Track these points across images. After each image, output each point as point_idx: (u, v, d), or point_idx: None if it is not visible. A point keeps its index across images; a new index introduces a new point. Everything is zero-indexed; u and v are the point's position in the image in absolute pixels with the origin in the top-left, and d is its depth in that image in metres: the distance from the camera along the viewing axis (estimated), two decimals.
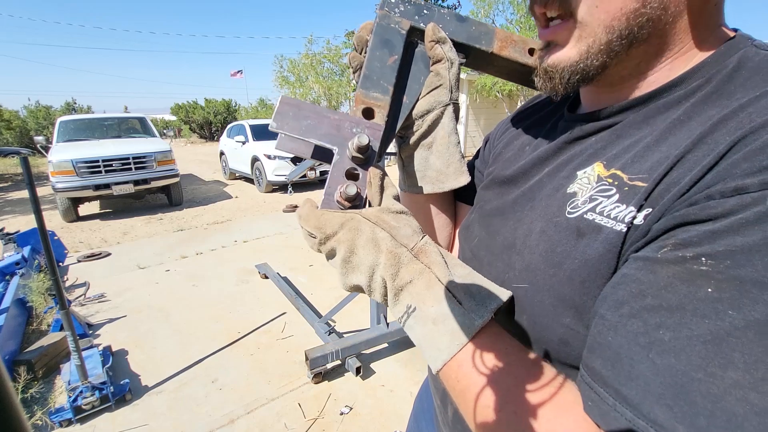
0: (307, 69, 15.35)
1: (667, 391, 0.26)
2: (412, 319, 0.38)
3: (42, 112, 18.41)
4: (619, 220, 0.34)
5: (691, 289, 0.27)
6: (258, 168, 7.86)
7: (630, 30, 0.36)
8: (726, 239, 0.27)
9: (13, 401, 0.20)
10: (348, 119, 0.45)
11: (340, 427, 1.98)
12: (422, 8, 0.52)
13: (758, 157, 0.27)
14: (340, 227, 0.40)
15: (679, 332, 0.27)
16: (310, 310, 2.91)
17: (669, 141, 0.34)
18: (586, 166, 0.40)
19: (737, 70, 0.34)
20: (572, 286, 0.36)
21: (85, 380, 2.03)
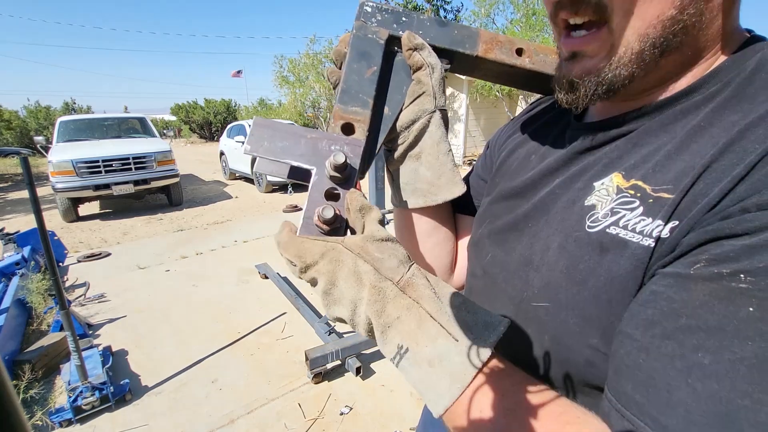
0: (308, 68, 15.34)
1: (711, 421, 0.25)
2: (405, 361, 0.35)
3: (42, 112, 18.39)
4: (646, 235, 0.32)
5: (731, 308, 0.26)
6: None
7: (665, 38, 0.33)
8: (766, 255, 0.25)
9: (13, 401, 0.20)
10: (326, 137, 0.43)
11: (340, 427, 1.98)
12: (400, 16, 0.50)
13: None
14: (321, 257, 0.37)
15: (721, 355, 0.25)
16: (310, 310, 2.91)
17: (691, 149, 0.32)
18: (603, 177, 0.38)
19: (757, 72, 0.33)
20: (598, 305, 0.34)
21: (85, 380, 2.03)
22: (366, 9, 0.49)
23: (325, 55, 15.10)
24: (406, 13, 0.51)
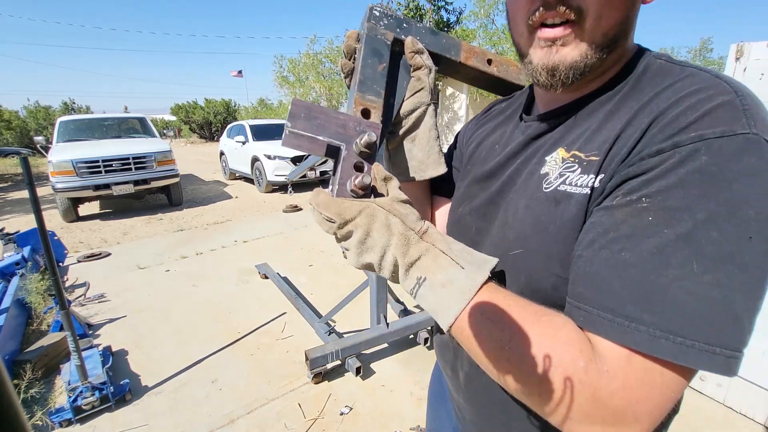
0: (308, 68, 15.33)
1: (632, 294, 0.36)
2: (423, 289, 0.44)
3: (42, 113, 18.39)
4: (584, 186, 0.44)
5: (638, 220, 0.38)
6: (258, 168, 7.86)
7: (616, 35, 0.46)
8: (656, 184, 0.38)
9: (13, 401, 0.20)
10: (351, 119, 0.49)
11: (340, 427, 1.98)
12: (402, 22, 0.60)
13: (667, 130, 0.39)
14: (359, 213, 0.46)
15: (635, 251, 0.37)
16: (310, 310, 2.92)
17: (608, 126, 0.45)
18: (552, 152, 0.50)
19: (644, 73, 0.47)
20: (557, 242, 0.46)
21: (85, 380, 2.03)
22: (375, 13, 0.58)
23: (325, 55, 15.08)
24: (407, 20, 0.60)
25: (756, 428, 1.89)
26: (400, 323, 2.51)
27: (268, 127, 8.93)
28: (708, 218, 0.35)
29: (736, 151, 0.35)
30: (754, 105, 0.38)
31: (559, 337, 0.39)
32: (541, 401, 0.39)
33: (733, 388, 1.98)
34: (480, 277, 0.43)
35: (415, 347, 2.63)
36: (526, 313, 0.41)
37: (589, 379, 0.36)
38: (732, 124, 0.36)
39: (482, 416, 0.62)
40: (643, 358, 0.36)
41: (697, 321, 0.34)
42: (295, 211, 6.34)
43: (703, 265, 0.34)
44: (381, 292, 2.43)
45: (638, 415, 0.36)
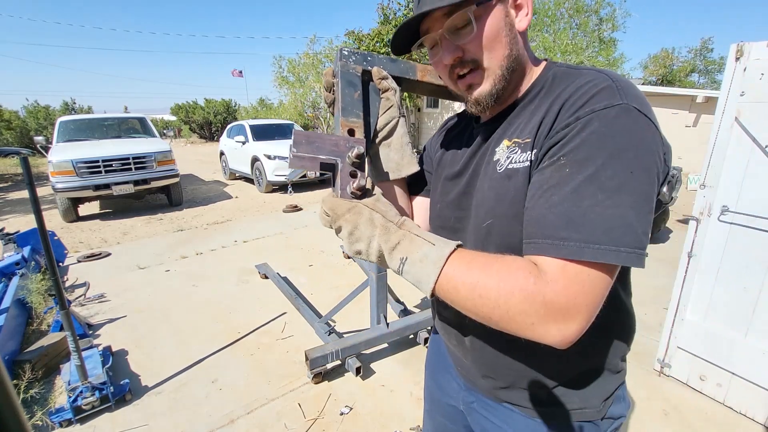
0: (308, 68, 15.32)
1: (562, 222, 0.50)
2: (406, 266, 0.56)
3: (42, 112, 18.37)
4: (524, 161, 0.60)
5: (560, 173, 0.52)
6: (258, 168, 7.86)
7: (510, 65, 0.62)
8: (568, 146, 0.53)
9: (13, 401, 0.20)
10: (341, 138, 0.62)
11: (340, 427, 1.98)
12: (366, 56, 0.74)
13: (571, 110, 0.55)
14: (348, 211, 0.59)
15: (560, 194, 0.51)
16: (310, 310, 2.92)
17: (534, 118, 0.61)
18: (499, 144, 0.66)
19: (554, 79, 0.63)
20: (515, 206, 0.60)
21: (85, 380, 2.03)
22: (344, 53, 0.72)
23: (325, 55, 15.08)
24: (370, 54, 0.75)
25: (756, 428, 1.89)
26: (400, 323, 2.51)
27: (268, 127, 8.92)
28: (604, 162, 0.50)
29: (615, 115, 0.51)
30: (626, 86, 0.54)
31: (512, 266, 0.52)
32: (510, 318, 0.50)
33: (733, 388, 1.98)
34: (447, 248, 0.55)
35: (415, 347, 2.63)
36: (486, 259, 0.54)
37: (539, 289, 0.49)
38: (611, 99, 0.52)
39: (491, 371, 0.74)
40: (574, 264, 0.49)
41: (606, 232, 0.48)
42: (295, 211, 6.34)
43: (605, 194, 0.49)
44: (381, 292, 2.43)
45: (579, 308, 0.49)
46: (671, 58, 22.41)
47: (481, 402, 0.79)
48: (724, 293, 1.97)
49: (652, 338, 2.61)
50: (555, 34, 9.89)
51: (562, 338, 0.49)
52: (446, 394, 0.90)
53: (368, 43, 10.73)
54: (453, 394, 0.88)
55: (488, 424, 0.78)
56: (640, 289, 3.40)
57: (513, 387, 0.71)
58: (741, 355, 1.92)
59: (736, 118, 1.84)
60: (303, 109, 16.32)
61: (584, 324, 0.49)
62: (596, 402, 0.69)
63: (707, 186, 1.98)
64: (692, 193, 4.42)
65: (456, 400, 0.87)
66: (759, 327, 1.86)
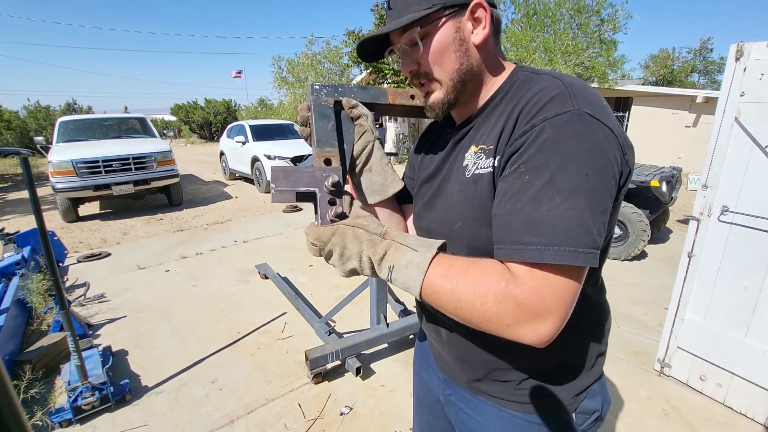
0: (307, 69, 15.31)
1: (525, 227, 0.52)
2: (394, 273, 0.58)
3: (42, 113, 18.35)
4: (488, 167, 0.62)
5: (520, 180, 0.54)
6: (258, 168, 7.86)
7: (461, 77, 0.66)
8: (525, 154, 0.55)
9: (13, 401, 0.20)
10: (317, 169, 0.64)
11: (340, 427, 1.98)
12: (337, 87, 0.78)
13: (526, 118, 0.57)
14: (332, 235, 0.61)
15: (522, 200, 0.53)
16: (310, 310, 2.91)
17: (497, 124, 0.63)
18: (467, 150, 0.69)
19: (520, 84, 0.65)
20: (480, 210, 0.63)
21: (85, 380, 2.03)
22: (315, 87, 0.76)
23: (324, 56, 15.07)
24: (341, 85, 0.79)
25: (756, 428, 1.89)
26: (400, 323, 2.51)
27: (268, 128, 8.91)
28: (558, 167, 0.52)
29: (566, 122, 0.53)
30: (579, 91, 0.57)
31: (485, 271, 0.54)
32: (486, 319, 0.53)
33: (733, 388, 1.98)
34: (429, 253, 0.57)
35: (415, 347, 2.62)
36: (463, 264, 0.56)
37: (510, 291, 0.51)
38: (563, 106, 0.54)
39: (465, 361, 0.78)
40: (539, 267, 0.51)
41: (564, 234, 0.50)
42: (295, 211, 6.34)
43: (562, 197, 0.51)
44: (381, 293, 2.43)
45: (550, 307, 0.51)
46: (671, 58, 22.41)
47: (458, 394, 0.83)
48: (724, 293, 1.97)
49: (652, 338, 2.61)
50: (555, 35, 9.89)
51: (538, 337, 0.52)
52: (429, 389, 0.94)
53: None
54: (434, 387, 0.92)
55: (463, 415, 0.82)
56: (640, 289, 3.40)
57: (486, 379, 0.75)
58: (741, 355, 1.92)
59: (736, 118, 1.84)
60: None
61: (558, 323, 0.51)
62: (566, 396, 0.72)
63: (708, 186, 1.98)
64: (692, 193, 4.42)
65: (437, 393, 0.91)
66: (759, 327, 1.86)
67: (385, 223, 0.84)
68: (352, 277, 0.64)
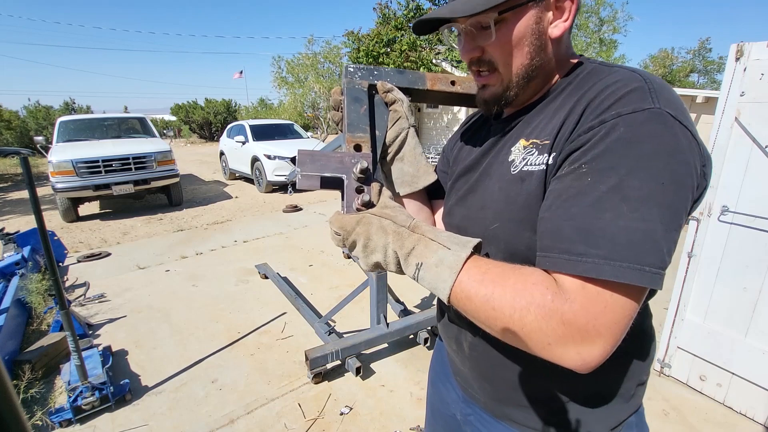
0: (307, 69, 15.31)
1: (581, 236, 0.46)
2: (421, 272, 0.53)
3: (42, 112, 18.34)
4: (541, 164, 0.55)
5: (581, 182, 0.48)
6: (258, 168, 7.86)
7: (528, 74, 0.60)
8: (590, 153, 0.48)
9: (13, 401, 0.20)
10: (346, 155, 0.61)
11: (340, 427, 1.98)
12: (373, 70, 0.74)
13: (595, 111, 0.50)
14: (357, 224, 0.56)
15: (580, 205, 0.47)
16: (310, 310, 2.91)
17: (556, 117, 0.57)
18: (515, 143, 0.62)
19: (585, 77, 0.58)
20: (525, 211, 0.57)
21: (85, 380, 2.03)
22: (350, 69, 0.73)
23: (324, 56, 15.07)
24: (376, 68, 0.75)
25: (756, 428, 1.89)
26: (400, 323, 2.51)
27: (268, 127, 8.92)
28: (629, 172, 0.45)
29: (644, 121, 0.47)
30: (660, 88, 0.50)
31: (528, 280, 0.48)
32: (525, 335, 0.47)
33: (733, 388, 1.98)
34: (464, 253, 0.52)
35: (415, 347, 2.63)
36: (503, 270, 0.51)
37: (556, 306, 0.45)
38: (641, 103, 0.48)
39: (487, 379, 0.71)
40: (594, 283, 0.45)
41: (628, 248, 0.44)
42: (295, 211, 6.34)
43: (630, 206, 0.44)
44: (381, 293, 2.43)
45: (600, 330, 0.44)
46: (671, 58, 22.42)
47: (478, 415, 0.76)
48: (724, 293, 1.97)
49: None
50: None
51: (582, 362, 0.45)
52: (445, 403, 0.87)
53: (368, 43, 10.72)
54: (452, 404, 0.85)
55: None
56: None
57: (509, 402, 0.68)
58: (741, 355, 1.92)
59: (736, 118, 1.84)
60: (303, 109, 16.31)
61: (608, 348, 0.45)
62: (600, 428, 0.63)
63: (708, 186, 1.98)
64: None
65: (455, 410, 0.84)
66: (759, 327, 1.86)
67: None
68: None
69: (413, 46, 10.10)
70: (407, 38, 10.23)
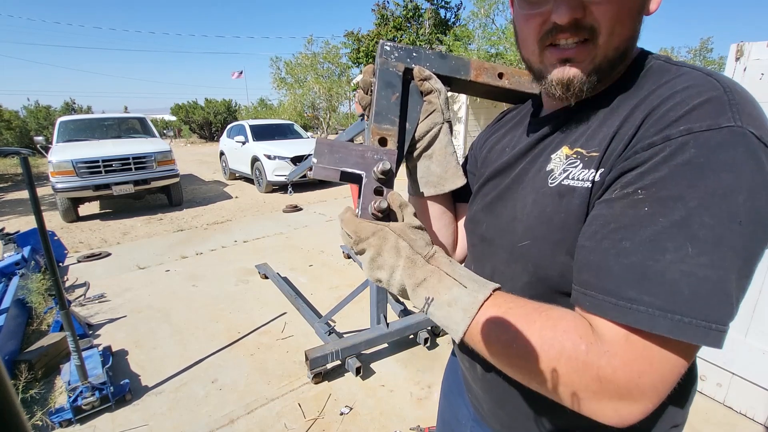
0: (306, 69, 15.31)
1: (633, 278, 0.39)
2: (432, 308, 0.48)
3: (42, 113, 18.34)
4: (586, 180, 0.47)
5: (636, 211, 0.40)
6: (258, 168, 7.86)
7: (620, 54, 0.49)
8: (650, 176, 0.40)
9: (13, 401, 0.20)
10: (369, 149, 0.55)
11: (340, 427, 1.98)
12: (411, 52, 0.65)
13: (658, 124, 0.42)
14: (372, 234, 0.51)
15: (634, 240, 0.40)
16: (310, 310, 2.91)
17: (608, 123, 0.48)
18: (557, 150, 0.53)
19: (643, 74, 0.50)
20: (562, 232, 0.49)
21: (85, 380, 2.03)
22: (386, 48, 0.63)
23: (323, 56, 15.07)
24: (416, 49, 0.64)
25: (756, 428, 1.89)
26: (400, 323, 2.51)
27: (268, 127, 8.92)
28: (699, 205, 0.37)
29: (721, 142, 0.38)
30: (742, 100, 0.41)
31: (559, 326, 0.42)
32: (552, 387, 0.42)
33: (733, 388, 1.98)
34: (481, 294, 0.46)
35: (415, 347, 2.63)
36: (527, 312, 0.44)
37: (592, 360, 0.39)
38: (718, 118, 0.39)
39: (500, 405, 0.64)
40: (641, 336, 0.38)
41: (693, 299, 0.36)
42: (295, 211, 6.34)
43: (698, 248, 0.37)
44: (381, 293, 2.43)
45: (643, 389, 0.38)
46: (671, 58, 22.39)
47: None
48: None
49: None
50: None
51: (619, 419, 0.40)
52: (456, 420, 0.82)
53: (367, 43, 10.72)
54: (463, 421, 0.79)
55: None
56: None
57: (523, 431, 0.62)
58: (741, 355, 1.91)
59: None
60: (303, 109, 16.31)
61: (650, 408, 0.39)
62: None
63: None
64: None
65: (465, 427, 0.78)
66: (759, 327, 1.86)
67: (433, 221, 0.74)
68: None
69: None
70: (406, 38, 10.22)
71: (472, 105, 11.04)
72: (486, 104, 11.27)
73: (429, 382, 2.28)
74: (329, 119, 16.12)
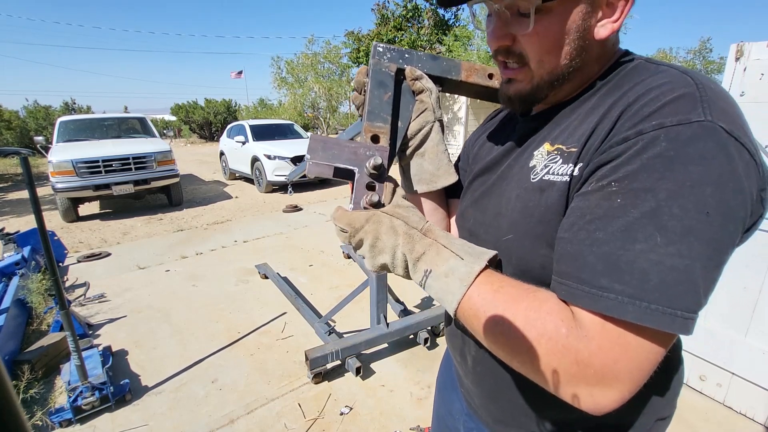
0: (306, 69, 15.31)
1: (605, 267, 0.40)
2: (430, 279, 0.50)
3: (41, 112, 18.34)
4: (564, 174, 0.49)
5: (609, 203, 0.42)
6: (258, 168, 7.86)
7: (561, 75, 0.53)
8: (623, 169, 0.42)
9: (13, 401, 0.20)
10: (361, 146, 0.57)
11: (340, 427, 1.98)
12: (404, 53, 0.67)
13: (632, 119, 0.43)
14: (366, 221, 0.53)
15: (606, 230, 0.41)
16: (310, 310, 2.91)
17: (587, 121, 0.50)
18: (539, 147, 0.56)
19: (624, 76, 0.51)
20: (542, 226, 0.51)
21: (85, 380, 2.03)
22: (379, 49, 0.66)
23: (324, 56, 15.07)
24: (408, 51, 0.67)
25: (756, 428, 1.89)
26: (400, 323, 2.51)
27: (268, 127, 8.92)
28: (668, 197, 0.39)
29: (691, 136, 0.40)
30: (714, 96, 0.42)
31: (543, 308, 0.44)
32: (532, 367, 0.43)
33: (733, 388, 1.98)
34: (477, 266, 0.48)
35: (415, 347, 2.63)
36: (516, 291, 0.46)
37: (571, 344, 0.41)
38: (689, 113, 0.41)
39: (491, 398, 0.66)
40: (615, 323, 0.40)
41: (660, 287, 0.38)
42: (295, 211, 6.34)
43: (666, 238, 0.38)
44: (381, 293, 2.43)
45: (618, 374, 0.40)
46: (670, 58, 22.42)
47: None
48: (724, 293, 1.97)
49: None
50: None
51: (594, 405, 0.41)
52: (450, 414, 0.83)
53: (367, 43, 10.72)
54: (456, 415, 0.80)
55: None
56: None
57: (513, 425, 0.63)
58: (741, 355, 1.92)
59: None
60: (303, 109, 16.31)
61: (625, 395, 0.40)
62: None
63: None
64: None
65: (459, 423, 0.79)
66: (759, 327, 1.86)
67: (427, 217, 0.74)
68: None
69: (413, 46, 10.10)
70: (407, 38, 10.23)
71: (472, 105, 11.04)
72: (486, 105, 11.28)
73: (429, 382, 2.28)
74: (329, 119, 16.13)
